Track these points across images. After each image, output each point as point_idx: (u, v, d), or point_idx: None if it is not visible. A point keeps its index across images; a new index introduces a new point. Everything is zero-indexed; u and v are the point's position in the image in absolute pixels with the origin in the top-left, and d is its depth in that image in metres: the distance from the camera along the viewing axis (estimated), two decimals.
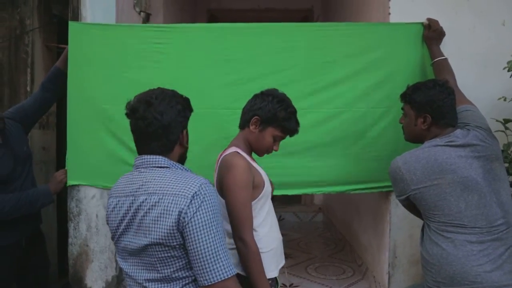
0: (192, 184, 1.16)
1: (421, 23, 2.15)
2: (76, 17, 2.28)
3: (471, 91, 1.96)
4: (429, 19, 2.13)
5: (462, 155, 1.58)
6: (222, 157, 1.53)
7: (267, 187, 1.57)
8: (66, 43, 2.30)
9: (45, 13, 3.33)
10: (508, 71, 1.86)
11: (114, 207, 1.25)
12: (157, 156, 1.25)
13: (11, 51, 3.22)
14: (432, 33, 2.11)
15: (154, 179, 1.20)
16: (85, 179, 2.26)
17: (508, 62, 1.86)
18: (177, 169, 1.26)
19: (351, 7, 3.32)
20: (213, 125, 2.18)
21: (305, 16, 4.98)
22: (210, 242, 1.12)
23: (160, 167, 1.24)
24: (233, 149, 1.52)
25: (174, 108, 1.28)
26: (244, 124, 1.60)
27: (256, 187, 1.49)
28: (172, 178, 1.19)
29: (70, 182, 2.25)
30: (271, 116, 1.52)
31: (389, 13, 2.24)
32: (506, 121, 1.96)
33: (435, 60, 2.08)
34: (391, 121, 2.16)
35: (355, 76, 2.18)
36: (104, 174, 2.23)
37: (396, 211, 2.25)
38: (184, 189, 1.15)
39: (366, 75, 2.18)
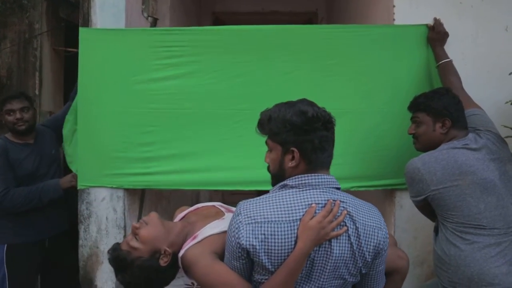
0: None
1: (425, 25, 2.18)
2: (86, 23, 2.32)
3: (474, 95, 2.00)
4: (434, 19, 2.17)
5: (479, 158, 1.64)
6: None
7: None
8: (74, 47, 2.35)
9: (53, 17, 3.39)
10: None
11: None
12: (331, 176, 1.26)
13: (20, 55, 3.28)
14: (436, 35, 2.14)
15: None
16: (95, 181, 2.30)
17: None
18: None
19: (355, 11, 3.35)
20: (222, 126, 2.24)
21: (309, 19, 5.00)
22: None
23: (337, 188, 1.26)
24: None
25: None
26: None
27: None
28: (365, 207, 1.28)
29: (80, 185, 2.30)
30: None
31: (394, 19, 2.27)
32: None
33: (440, 62, 2.11)
34: (396, 122, 2.18)
35: (359, 77, 2.21)
36: (114, 176, 2.27)
37: (401, 213, 2.27)
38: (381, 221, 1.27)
39: (370, 77, 2.21)
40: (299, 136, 1.21)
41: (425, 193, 1.67)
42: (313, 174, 1.22)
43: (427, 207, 1.75)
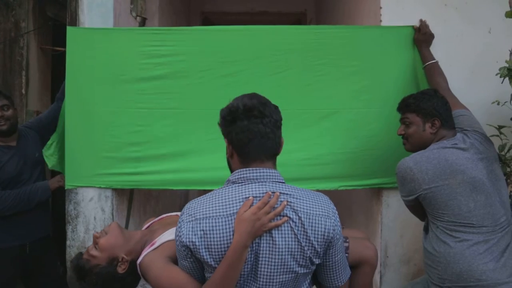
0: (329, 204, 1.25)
1: (411, 27, 2.22)
2: (74, 22, 2.30)
3: (460, 96, 2.04)
4: (420, 21, 2.20)
5: (468, 157, 1.68)
6: None
7: None
8: (61, 46, 2.32)
9: (40, 16, 3.34)
10: (500, 77, 1.92)
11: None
12: (273, 170, 1.23)
13: (6, 54, 3.23)
14: (422, 36, 2.18)
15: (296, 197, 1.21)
16: (83, 181, 2.28)
17: (500, 69, 1.91)
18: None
19: (343, 12, 3.38)
20: (210, 125, 2.23)
21: (298, 20, 5.03)
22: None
23: (280, 182, 1.23)
24: None
25: (278, 109, 1.28)
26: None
27: None
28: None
29: (68, 185, 2.28)
30: None
31: (380, 20, 2.30)
32: (500, 127, 2.04)
33: (427, 64, 2.15)
34: (384, 121, 2.22)
35: (347, 77, 2.24)
36: (103, 176, 2.26)
37: (387, 212, 2.30)
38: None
39: (358, 77, 2.24)
40: (226, 128, 1.25)
41: (417, 192, 1.69)
42: (250, 168, 1.22)
43: (417, 206, 1.77)
